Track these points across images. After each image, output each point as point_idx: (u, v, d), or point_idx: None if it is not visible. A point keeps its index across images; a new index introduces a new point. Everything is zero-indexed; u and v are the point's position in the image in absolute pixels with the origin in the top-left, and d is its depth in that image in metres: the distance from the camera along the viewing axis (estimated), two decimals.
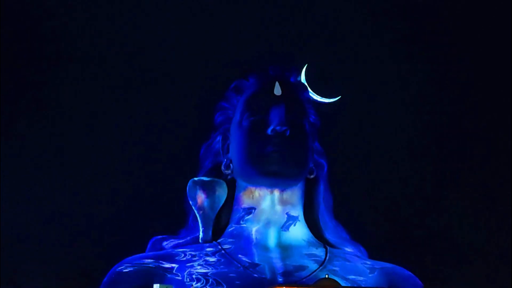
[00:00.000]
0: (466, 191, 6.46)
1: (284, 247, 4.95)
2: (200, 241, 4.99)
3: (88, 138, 6.07)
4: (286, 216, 5.01)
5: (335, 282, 4.30)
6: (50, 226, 5.92)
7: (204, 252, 4.88)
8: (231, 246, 4.94)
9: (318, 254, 4.96)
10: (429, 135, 6.52)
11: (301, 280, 4.75)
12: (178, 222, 5.18)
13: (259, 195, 5.01)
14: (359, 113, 6.22)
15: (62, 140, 6.05)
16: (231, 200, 5.11)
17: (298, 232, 5.02)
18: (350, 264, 4.97)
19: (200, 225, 5.01)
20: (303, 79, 5.37)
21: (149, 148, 6.05)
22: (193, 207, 5.03)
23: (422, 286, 5.04)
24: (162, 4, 6.20)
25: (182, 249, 4.94)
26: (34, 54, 6.14)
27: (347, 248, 5.13)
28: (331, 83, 5.49)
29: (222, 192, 5.07)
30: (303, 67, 5.39)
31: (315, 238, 5.09)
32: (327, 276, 4.41)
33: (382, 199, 6.32)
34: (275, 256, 4.89)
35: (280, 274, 4.79)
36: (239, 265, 4.81)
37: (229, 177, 5.12)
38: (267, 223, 4.99)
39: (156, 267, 4.81)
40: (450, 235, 6.39)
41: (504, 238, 6.38)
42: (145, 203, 5.91)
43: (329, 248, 5.04)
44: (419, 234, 6.38)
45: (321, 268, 4.86)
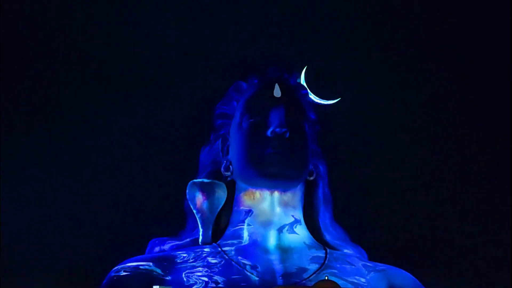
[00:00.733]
0: (467, 193, 6.45)
1: (284, 249, 4.94)
2: (199, 242, 4.99)
3: (88, 139, 6.06)
4: (286, 217, 5.00)
5: (334, 283, 4.30)
6: (50, 227, 5.92)
7: (204, 254, 4.88)
8: (230, 248, 4.93)
9: (318, 255, 4.96)
10: (429, 137, 6.52)
11: (301, 282, 4.75)
12: (177, 223, 5.17)
13: (259, 196, 5.01)
14: (358, 114, 6.22)
15: (61, 141, 6.04)
16: (231, 202, 5.11)
17: (298, 234, 5.02)
18: (350, 265, 4.97)
19: (199, 226, 5.01)
20: (302, 81, 5.37)
21: (148, 149, 6.04)
22: (192, 209, 5.03)
23: None
24: (162, 5, 6.20)
25: (182, 250, 4.93)
26: (34, 54, 6.14)
27: (347, 250, 5.13)
28: (330, 85, 5.49)
29: (221, 194, 5.06)
30: (302, 69, 5.39)
31: (314, 240, 5.09)
32: (326, 278, 4.41)
33: (382, 200, 6.31)
34: (275, 258, 4.89)
35: (280, 276, 4.79)
36: (239, 267, 4.81)
37: (228, 178, 5.12)
38: (266, 224, 4.99)
39: (156, 269, 4.81)
40: (451, 236, 6.38)
41: (505, 240, 6.37)
42: (144, 204, 5.91)
43: (328, 250, 5.04)
44: (419, 236, 6.37)
45: (320, 269, 4.86)
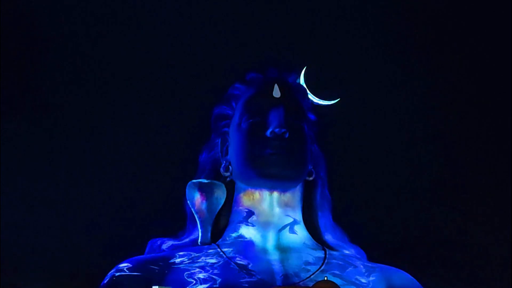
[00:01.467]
0: (466, 193, 6.46)
1: (283, 249, 4.94)
2: (198, 243, 4.99)
3: (87, 140, 6.08)
4: (285, 218, 5.00)
5: (333, 284, 4.30)
6: (49, 227, 5.93)
7: (203, 254, 4.88)
8: (230, 248, 4.93)
9: (317, 256, 4.96)
10: (428, 137, 6.53)
11: (300, 282, 4.74)
12: (177, 224, 5.17)
13: (258, 197, 5.01)
14: (358, 115, 6.23)
15: (61, 141, 6.06)
16: (230, 202, 5.11)
17: (297, 234, 5.02)
18: (349, 266, 4.96)
19: (198, 227, 5.01)
20: (302, 81, 5.37)
21: (148, 150, 6.06)
22: (192, 209, 5.03)
23: None
24: (161, 7, 6.20)
25: (181, 251, 4.93)
26: (33, 54, 6.15)
27: (346, 251, 5.13)
28: (330, 86, 5.49)
29: (221, 194, 5.06)
30: (302, 69, 5.39)
31: (314, 240, 5.08)
32: (326, 278, 4.41)
33: (381, 201, 6.32)
34: (274, 258, 4.89)
35: (279, 277, 4.79)
36: (238, 267, 4.81)
37: (228, 179, 5.12)
38: (266, 225, 4.99)
39: (155, 269, 4.81)
40: (450, 237, 6.39)
41: (505, 240, 6.37)
42: (144, 205, 5.92)
43: (328, 250, 5.04)
44: (418, 237, 6.38)
45: (320, 270, 4.86)
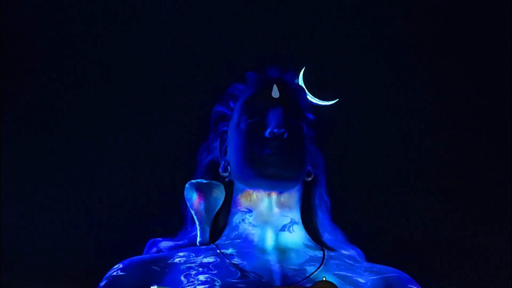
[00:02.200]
0: (466, 193, 6.46)
1: (282, 250, 4.94)
2: (197, 243, 4.98)
3: (86, 140, 6.08)
4: (284, 218, 5.00)
5: (332, 284, 4.30)
6: (47, 227, 5.93)
7: (202, 254, 4.88)
8: (228, 249, 4.93)
9: (315, 256, 4.96)
10: (427, 138, 6.53)
11: (298, 283, 4.74)
12: (175, 224, 5.17)
13: (257, 197, 5.00)
14: (357, 115, 6.23)
15: (59, 142, 6.06)
16: (229, 202, 5.10)
17: (296, 235, 5.01)
18: (348, 266, 4.96)
19: (197, 227, 5.00)
20: (301, 82, 5.37)
21: (146, 150, 6.06)
22: (190, 209, 5.03)
23: None
24: (159, 6, 6.21)
25: (179, 251, 4.93)
26: (31, 54, 6.15)
27: (345, 251, 5.12)
28: (329, 86, 5.49)
29: (219, 195, 5.06)
30: (301, 70, 5.39)
31: (312, 240, 5.08)
32: (324, 278, 4.41)
33: (380, 201, 6.32)
34: (273, 259, 4.88)
35: (278, 277, 4.78)
36: (237, 267, 4.81)
37: (227, 179, 5.12)
38: (264, 225, 4.98)
39: (153, 269, 4.80)
40: (450, 238, 6.39)
41: (505, 241, 6.38)
42: (142, 205, 5.92)
43: (326, 251, 5.03)
44: (417, 237, 6.38)
45: (318, 270, 4.86)
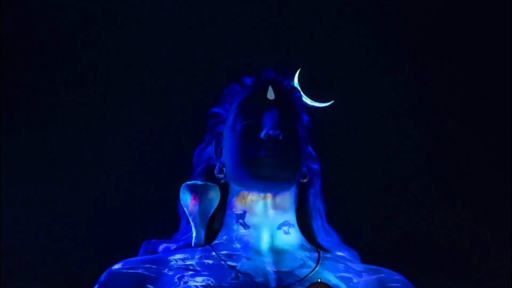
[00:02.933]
0: (462, 195, 6.47)
1: (277, 252, 4.94)
2: (192, 245, 4.98)
3: (81, 141, 6.08)
4: (279, 220, 5.00)
5: (327, 286, 4.30)
6: (41, 229, 5.92)
7: (197, 256, 4.87)
8: (223, 250, 4.93)
9: (311, 258, 4.96)
10: (423, 140, 6.53)
11: (294, 284, 4.74)
12: (170, 225, 5.17)
13: (252, 199, 5.00)
14: (353, 117, 6.23)
15: (53, 143, 6.05)
16: (225, 204, 5.10)
17: (291, 237, 5.01)
18: (343, 268, 4.96)
19: (192, 228, 5.00)
20: (296, 84, 5.37)
21: (142, 152, 6.06)
22: (185, 211, 5.03)
23: None
24: (154, 9, 6.21)
25: (175, 252, 4.93)
26: (31, 54, 6.16)
27: (340, 253, 5.12)
28: (324, 88, 5.50)
29: (215, 196, 5.06)
30: (296, 71, 5.39)
31: (308, 242, 5.08)
32: (319, 280, 4.41)
33: (376, 203, 6.33)
34: (268, 261, 4.88)
35: (273, 278, 4.78)
36: (232, 269, 4.81)
37: (222, 181, 5.12)
38: (260, 227, 4.98)
39: (148, 271, 4.80)
40: (446, 240, 6.40)
41: (503, 244, 6.38)
42: (137, 206, 5.92)
43: (321, 252, 5.03)
44: (413, 239, 6.39)
45: (313, 272, 4.86)
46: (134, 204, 5.93)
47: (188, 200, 5.01)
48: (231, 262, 4.84)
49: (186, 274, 4.75)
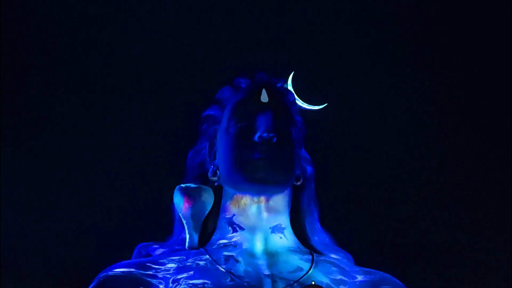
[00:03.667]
0: (458, 197, 6.46)
1: (271, 254, 4.93)
2: (186, 247, 4.98)
3: (76, 144, 6.07)
4: (273, 223, 5.00)
5: None
6: (36, 231, 5.91)
7: (191, 259, 4.87)
8: (217, 253, 4.93)
9: (304, 260, 4.95)
10: (418, 142, 6.53)
11: (287, 287, 4.74)
12: (164, 228, 5.17)
13: (246, 202, 5.00)
14: (346, 120, 6.24)
15: (49, 145, 6.04)
16: (218, 207, 5.10)
17: (285, 239, 5.01)
18: (337, 271, 4.96)
19: (186, 231, 5.00)
20: (290, 86, 5.37)
21: (135, 154, 6.05)
22: (179, 214, 5.02)
23: None
24: (149, 11, 6.21)
25: (168, 255, 4.92)
26: (31, 54, 6.15)
27: (333, 255, 5.12)
28: (318, 91, 5.50)
29: (208, 199, 5.05)
30: (290, 74, 5.40)
31: (301, 245, 5.08)
32: (313, 283, 4.41)
33: (370, 206, 6.32)
34: (262, 263, 4.88)
35: (267, 281, 4.78)
36: (226, 272, 4.80)
37: (216, 184, 5.11)
38: (253, 230, 4.98)
39: (142, 274, 4.79)
40: (441, 242, 6.40)
41: (499, 246, 6.37)
42: (131, 210, 5.91)
43: (315, 255, 5.03)
44: (407, 242, 6.38)
45: (307, 274, 4.85)
46: (127, 208, 5.92)
47: (181, 203, 5.01)
48: (225, 265, 4.84)
49: (180, 277, 4.74)
